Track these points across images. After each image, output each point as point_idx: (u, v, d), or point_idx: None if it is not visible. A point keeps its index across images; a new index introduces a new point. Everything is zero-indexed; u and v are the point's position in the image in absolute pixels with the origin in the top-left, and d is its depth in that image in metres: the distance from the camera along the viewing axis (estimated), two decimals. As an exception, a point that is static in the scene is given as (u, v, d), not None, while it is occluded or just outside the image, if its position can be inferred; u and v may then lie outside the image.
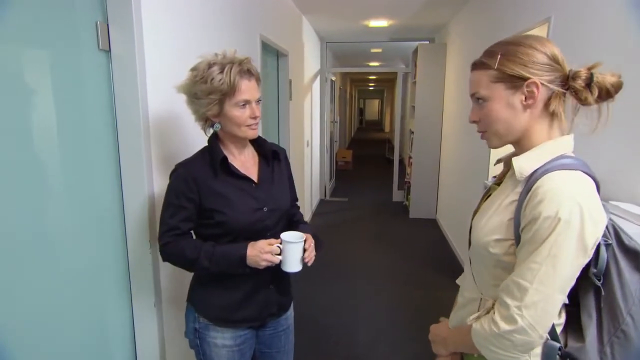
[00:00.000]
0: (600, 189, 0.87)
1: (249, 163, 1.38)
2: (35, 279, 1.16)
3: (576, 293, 0.92)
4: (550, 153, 0.89)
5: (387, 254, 4.39)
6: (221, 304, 1.35)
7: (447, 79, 5.24)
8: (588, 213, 0.80)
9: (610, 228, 0.89)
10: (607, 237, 0.88)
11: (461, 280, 1.17)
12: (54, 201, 1.23)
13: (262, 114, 1.46)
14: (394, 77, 13.65)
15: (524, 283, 0.83)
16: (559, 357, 0.90)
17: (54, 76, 1.21)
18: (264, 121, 3.37)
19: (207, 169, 1.28)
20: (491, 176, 3.07)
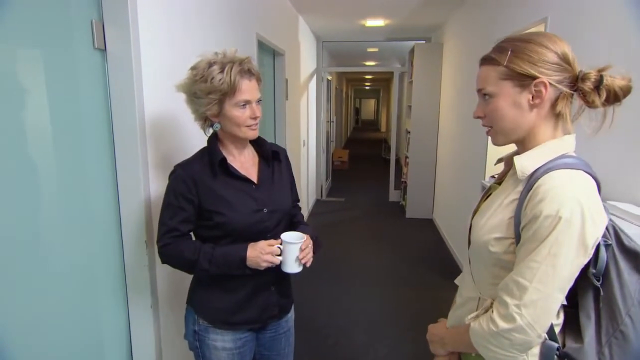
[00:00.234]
0: (600, 189, 0.86)
1: (249, 164, 1.37)
2: (28, 281, 1.14)
3: (575, 293, 0.91)
4: (552, 152, 0.89)
5: (384, 254, 4.39)
6: (221, 306, 1.33)
7: (444, 79, 5.24)
8: (589, 213, 0.80)
9: (610, 228, 0.89)
10: (607, 238, 0.88)
11: (460, 280, 1.17)
12: (48, 202, 1.22)
13: (259, 114, 1.44)
14: (390, 77, 13.78)
15: (524, 282, 0.83)
16: (557, 357, 0.90)
17: (48, 75, 1.19)
18: (261, 121, 3.35)
19: (207, 170, 1.27)
20: (488, 176, 3.07)
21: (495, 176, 2.35)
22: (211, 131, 1.33)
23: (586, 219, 0.80)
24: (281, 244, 1.25)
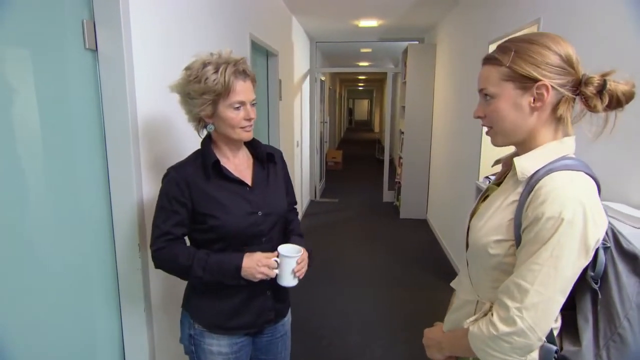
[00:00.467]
0: (600, 191, 0.86)
1: (243, 166, 1.35)
2: (16, 285, 1.12)
3: (572, 296, 0.91)
4: (552, 154, 0.88)
5: (378, 255, 4.39)
6: (217, 311, 1.32)
7: (437, 79, 5.26)
8: (591, 214, 0.79)
9: (609, 231, 0.88)
10: (606, 240, 0.87)
11: (456, 283, 1.16)
12: (38, 204, 1.19)
13: (252, 115, 1.43)
14: (383, 77, 13.77)
15: (525, 284, 0.82)
16: None
17: (38, 76, 1.17)
18: (254, 122, 3.34)
19: (200, 172, 1.25)
20: (482, 176, 3.08)
21: (489, 177, 2.37)
22: (205, 132, 1.31)
23: (588, 221, 0.79)
24: (277, 257, 1.24)
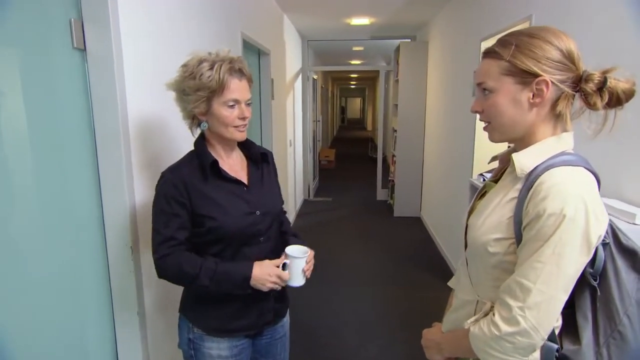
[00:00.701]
0: (600, 186, 0.85)
1: (237, 166, 1.33)
2: (5, 289, 1.08)
3: (571, 294, 0.90)
4: (551, 150, 0.87)
5: (373, 254, 4.38)
6: (217, 314, 1.29)
7: (429, 77, 5.26)
8: (592, 210, 0.78)
9: (607, 227, 0.87)
10: (605, 236, 0.86)
11: (455, 282, 1.15)
12: (26, 207, 1.16)
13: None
14: (376, 76, 13.78)
15: (527, 283, 0.80)
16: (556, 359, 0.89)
17: (25, 76, 1.14)
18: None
19: (196, 173, 1.23)
20: (476, 173, 3.08)
21: (484, 174, 2.36)
22: (199, 132, 1.30)
23: (590, 217, 0.78)
24: (286, 259, 1.25)
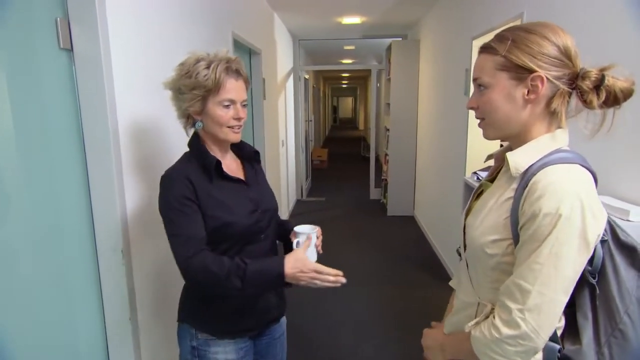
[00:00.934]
0: (597, 183, 0.84)
1: (233, 166, 1.33)
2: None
3: (571, 293, 0.89)
4: (545, 147, 0.86)
5: (367, 253, 4.37)
6: (223, 314, 1.27)
7: (421, 76, 5.27)
8: (589, 207, 0.77)
9: (606, 224, 0.87)
10: (603, 233, 0.85)
11: (456, 283, 1.14)
12: (13, 211, 1.13)
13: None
14: (367, 75, 13.79)
15: (526, 285, 0.79)
16: None
17: (10, 77, 1.11)
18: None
19: (199, 174, 1.20)
20: (469, 172, 3.08)
21: (478, 173, 2.36)
22: (192, 132, 1.28)
23: (586, 215, 0.77)
24: (296, 238, 1.26)
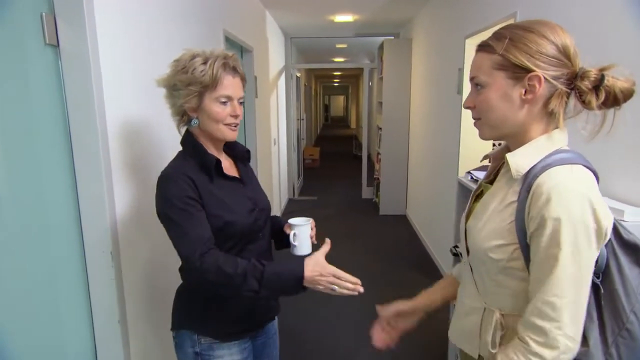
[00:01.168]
0: (599, 182, 0.83)
1: (226, 164, 1.30)
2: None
3: None
4: (545, 148, 0.84)
5: (359, 253, 4.36)
6: (228, 315, 1.24)
7: (414, 74, 5.26)
8: (598, 207, 0.76)
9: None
10: None
11: (457, 274, 1.13)
12: (-2, 215, 1.09)
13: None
14: (359, 73, 13.79)
15: (556, 299, 0.77)
16: None
17: (-7, 74, 1.07)
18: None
19: (199, 173, 1.17)
20: (462, 171, 3.08)
21: (472, 172, 2.35)
22: (184, 131, 1.25)
23: (599, 214, 0.76)
24: (290, 231, 1.27)
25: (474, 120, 0.93)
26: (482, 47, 0.88)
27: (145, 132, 1.65)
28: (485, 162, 1.04)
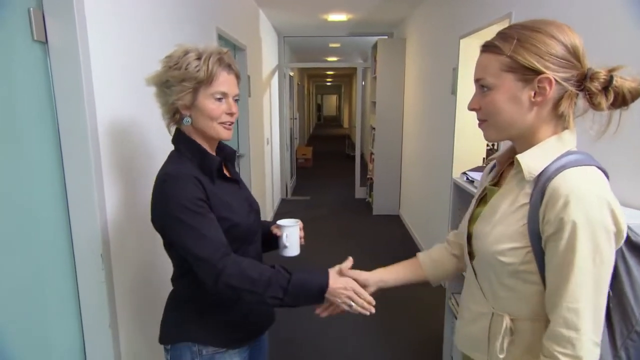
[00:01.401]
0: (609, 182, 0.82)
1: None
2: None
3: None
4: (557, 149, 0.83)
5: (353, 253, 4.25)
6: (229, 321, 1.19)
7: (407, 74, 5.26)
8: (616, 209, 0.76)
9: None
10: None
11: (423, 258, 1.16)
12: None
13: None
14: (352, 73, 13.77)
15: (579, 306, 0.76)
16: None
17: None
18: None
19: (201, 175, 1.11)
20: (457, 172, 3.07)
21: (467, 173, 2.34)
22: (174, 131, 1.20)
23: (617, 216, 0.75)
24: (280, 233, 1.29)
25: (479, 121, 0.91)
26: (488, 48, 0.85)
27: (136, 132, 1.61)
28: (478, 163, 1.02)
